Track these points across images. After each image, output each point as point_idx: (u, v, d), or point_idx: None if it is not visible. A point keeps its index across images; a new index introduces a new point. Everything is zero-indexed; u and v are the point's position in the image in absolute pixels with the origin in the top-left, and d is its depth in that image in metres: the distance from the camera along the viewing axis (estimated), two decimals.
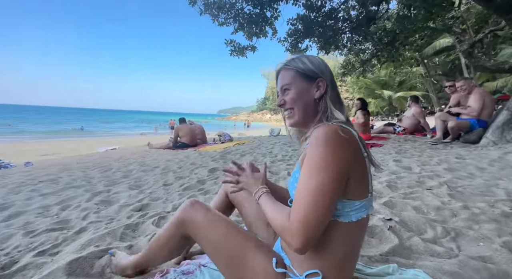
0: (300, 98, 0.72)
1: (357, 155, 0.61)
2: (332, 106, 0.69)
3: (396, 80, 21.98)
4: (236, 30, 6.50)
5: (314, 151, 0.59)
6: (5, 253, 1.20)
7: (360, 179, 0.62)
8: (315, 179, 0.56)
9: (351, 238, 0.64)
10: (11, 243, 1.31)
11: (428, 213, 1.38)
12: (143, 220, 1.50)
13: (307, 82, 0.72)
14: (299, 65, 0.72)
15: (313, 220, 0.55)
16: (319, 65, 0.72)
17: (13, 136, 15.39)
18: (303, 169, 0.60)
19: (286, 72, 0.74)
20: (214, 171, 2.90)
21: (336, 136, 0.58)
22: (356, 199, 0.62)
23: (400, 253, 1.03)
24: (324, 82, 0.71)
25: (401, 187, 1.81)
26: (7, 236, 1.41)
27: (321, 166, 0.57)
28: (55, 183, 2.75)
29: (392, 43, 6.83)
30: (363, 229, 0.68)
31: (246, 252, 0.73)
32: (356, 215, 0.62)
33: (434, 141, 3.69)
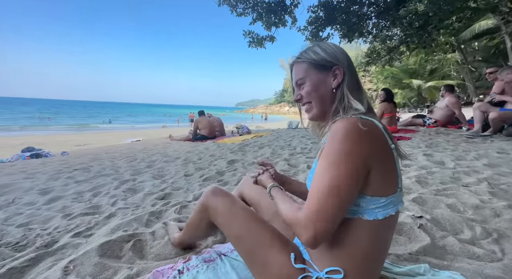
0: (316, 90, 0.69)
1: (380, 148, 0.57)
2: (350, 95, 0.65)
3: (427, 69, 20.22)
4: (254, 21, 6.37)
5: (331, 145, 0.56)
6: (48, 232, 1.32)
7: (386, 173, 0.58)
8: (331, 173, 0.54)
9: (378, 237, 0.60)
10: (52, 224, 1.45)
11: (465, 211, 1.26)
12: (166, 208, 1.57)
13: (322, 72, 0.68)
14: (312, 56, 0.69)
15: (325, 214, 0.53)
16: (333, 52, 0.67)
17: (51, 128, 16.95)
18: (320, 162, 0.58)
19: (299, 65, 0.71)
20: (232, 162, 2.92)
21: (354, 130, 0.55)
22: (382, 195, 0.57)
23: (432, 253, 0.95)
24: (341, 69, 0.67)
25: (433, 183, 1.68)
26: (48, 217, 1.55)
27: (338, 160, 0.54)
28: (87, 171, 2.97)
29: (424, 28, 6.23)
30: (392, 227, 0.63)
31: (265, 245, 0.72)
32: (382, 212, 0.58)
33: (471, 134, 3.36)
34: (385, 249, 0.65)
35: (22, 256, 1.06)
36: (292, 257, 0.68)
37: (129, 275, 0.89)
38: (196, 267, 0.92)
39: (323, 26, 6.60)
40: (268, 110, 60.53)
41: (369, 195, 0.57)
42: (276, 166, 2.56)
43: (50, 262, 1.01)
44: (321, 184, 0.55)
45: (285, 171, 2.32)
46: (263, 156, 3.19)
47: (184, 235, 1.02)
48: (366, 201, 0.57)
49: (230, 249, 1.03)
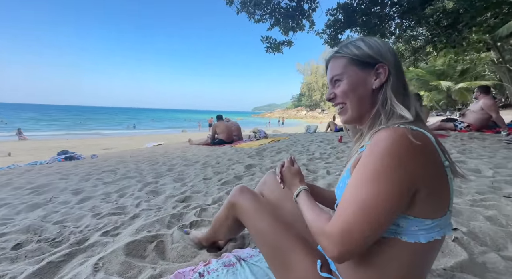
0: (353, 90, 0.61)
1: (432, 165, 0.49)
2: (394, 98, 0.57)
3: (457, 69, 18.85)
4: (272, 26, 6.44)
5: (372, 157, 0.49)
6: (80, 230, 1.42)
7: (435, 194, 0.50)
8: (370, 190, 0.48)
9: (417, 262, 0.53)
10: (83, 223, 1.55)
11: (509, 225, 1.13)
12: (186, 210, 1.61)
13: (364, 70, 0.60)
14: (353, 50, 0.61)
15: (357, 233, 0.48)
16: (379, 47, 0.60)
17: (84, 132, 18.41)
18: (356, 174, 0.52)
19: (337, 60, 0.64)
20: (250, 167, 2.93)
21: (403, 143, 0.47)
22: (428, 217, 0.50)
23: (470, 270, 0.87)
24: (386, 68, 0.59)
25: (467, 193, 1.54)
26: (80, 216, 1.66)
27: (379, 175, 0.48)
28: (114, 173, 3.16)
29: (453, 26, 5.87)
30: (435, 252, 0.56)
31: (290, 248, 0.71)
32: (426, 236, 0.51)
33: (511, 139, 3.05)
34: (424, 275, 0.58)
35: (58, 251, 1.15)
36: (319, 264, 0.65)
37: (152, 275, 0.92)
38: (216, 270, 0.93)
39: (342, 29, 6.48)
40: (285, 114, 60.18)
41: (412, 215, 0.50)
42: None
43: (82, 259, 1.08)
44: (355, 200, 0.49)
45: (304, 176, 2.27)
46: (281, 160, 3.16)
47: (210, 231, 1.05)
48: (409, 221, 0.51)
49: (250, 255, 1.02)
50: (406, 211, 0.50)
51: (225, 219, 0.95)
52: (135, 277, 0.93)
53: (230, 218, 0.93)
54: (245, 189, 0.90)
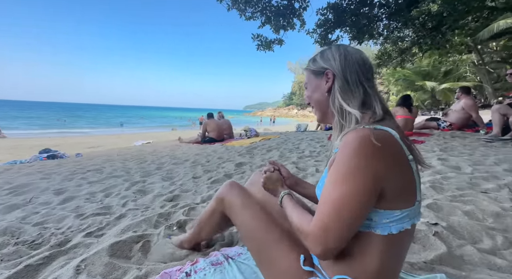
0: (313, 95, 0.73)
1: (395, 162, 0.53)
2: (341, 97, 0.64)
3: (441, 70, 19.58)
4: (263, 24, 6.42)
5: (342, 158, 0.54)
6: (61, 232, 1.37)
7: (402, 187, 0.54)
8: (339, 189, 0.53)
9: (392, 251, 0.57)
10: (66, 223, 1.49)
11: (484, 219, 1.19)
12: (174, 209, 1.58)
13: (318, 78, 0.71)
14: (311, 64, 0.74)
15: (333, 231, 0.53)
16: (328, 57, 0.69)
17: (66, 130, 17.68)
18: (329, 175, 0.57)
19: (305, 72, 0.77)
20: (240, 165, 2.93)
21: (366, 144, 0.52)
22: (397, 209, 0.54)
23: (449, 262, 0.91)
24: (330, 72, 0.67)
25: (448, 189, 1.61)
26: (62, 217, 1.60)
27: (348, 176, 0.52)
28: (100, 172, 3.06)
29: (437, 28, 6.06)
30: (407, 241, 0.60)
31: (275, 243, 0.74)
32: (397, 227, 0.55)
33: (489, 138, 3.21)
34: (400, 262, 0.62)
35: (37, 254, 1.10)
36: (302, 259, 0.68)
37: (138, 276, 0.90)
38: (203, 269, 0.92)
39: (332, 29, 6.55)
40: (276, 113, 60.41)
41: (382, 208, 0.54)
42: None
43: (63, 261, 1.04)
44: (328, 201, 0.54)
45: (294, 174, 2.29)
46: (271, 158, 3.18)
47: (194, 229, 1.04)
48: (379, 215, 0.55)
49: (238, 253, 1.02)
50: (376, 205, 0.54)
51: (212, 214, 0.96)
52: (119, 278, 0.91)
53: (217, 213, 0.94)
54: (235, 184, 0.92)
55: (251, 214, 0.81)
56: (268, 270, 0.74)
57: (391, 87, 25.57)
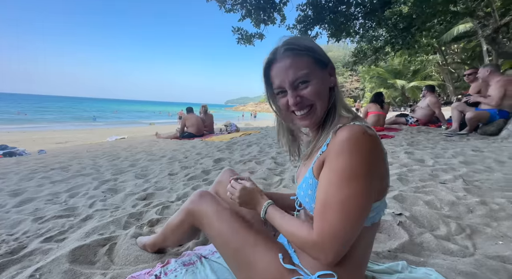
0: (323, 90, 0.60)
1: (382, 154, 0.55)
2: (340, 97, 0.61)
3: (410, 69, 20.99)
4: (243, 17, 6.30)
5: (341, 157, 0.51)
6: (15, 238, 1.23)
7: (382, 178, 0.56)
8: (346, 190, 0.50)
9: (371, 239, 0.62)
10: (21, 228, 1.35)
11: (442, 208, 1.31)
12: (147, 209, 1.51)
13: (323, 69, 0.60)
14: (314, 48, 0.59)
15: (343, 234, 0.50)
16: (321, 49, 0.61)
17: (28, 124, 16.00)
18: (328, 175, 0.53)
19: (299, 58, 0.58)
20: (219, 161, 2.88)
21: (365, 140, 0.51)
22: (378, 200, 0.57)
23: (410, 249, 0.98)
24: (333, 67, 0.63)
25: (413, 180, 1.73)
26: (17, 221, 1.45)
27: (352, 175, 0.50)
28: (66, 170, 2.82)
29: (408, 29, 6.43)
30: (376, 230, 0.65)
31: (252, 246, 0.70)
32: (377, 216, 0.59)
33: (449, 133, 3.52)
34: (369, 254, 0.66)
35: None
36: (280, 257, 0.66)
37: None
38: (174, 271, 0.88)
39: (311, 25, 6.64)
40: (258, 108, 60.48)
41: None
42: (263, 164, 2.55)
43: (14, 271, 0.93)
44: (335, 202, 0.50)
45: (272, 169, 2.31)
46: (250, 154, 3.17)
47: (159, 237, 0.96)
48: None
49: (211, 251, 1.00)
50: None
51: (181, 225, 0.87)
52: None
53: (185, 225, 0.86)
54: (205, 193, 0.84)
55: (223, 222, 0.76)
56: (247, 274, 0.69)
57: (366, 84, 26.85)
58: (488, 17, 6.47)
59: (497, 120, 3.26)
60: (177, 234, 0.91)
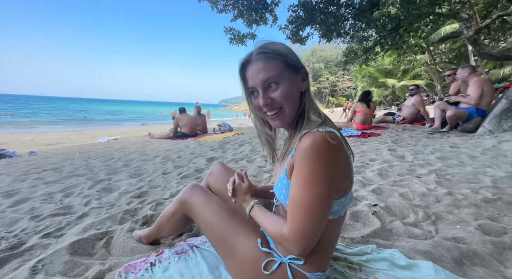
0: (291, 94, 0.63)
1: (343, 157, 0.61)
2: (311, 101, 0.66)
3: (400, 69, 21.49)
4: (235, 18, 6.36)
5: (305, 163, 0.56)
6: (13, 235, 1.29)
7: (345, 178, 0.63)
8: (309, 193, 0.57)
9: (336, 230, 0.70)
10: (19, 226, 1.40)
11: (413, 199, 1.43)
12: (141, 206, 1.58)
13: (294, 73, 0.64)
14: (285, 52, 0.62)
15: (310, 231, 0.58)
16: (294, 54, 0.64)
17: (17, 126, 15.58)
18: (295, 179, 0.59)
19: (269, 61, 0.61)
20: (212, 160, 2.96)
21: (326, 147, 0.56)
22: (342, 196, 0.65)
23: (380, 235, 1.09)
24: (306, 72, 0.67)
25: (392, 175, 1.86)
26: (14, 220, 1.49)
27: (315, 180, 0.56)
28: (58, 171, 2.84)
29: (396, 30, 6.63)
30: (342, 221, 0.73)
31: (235, 233, 0.78)
32: (343, 210, 0.68)
33: (431, 130, 3.70)
34: (335, 243, 0.74)
35: None
36: (259, 242, 0.74)
37: (101, 270, 0.92)
38: (168, 259, 0.97)
39: (303, 26, 6.76)
40: None
41: (334, 199, 0.63)
42: (254, 162, 2.65)
43: (17, 263, 1.00)
44: (301, 204, 0.57)
45: (262, 166, 2.41)
46: (242, 153, 3.26)
47: (154, 228, 1.05)
48: (334, 204, 0.64)
49: (203, 241, 1.09)
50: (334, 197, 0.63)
51: (173, 214, 0.96)
52: (81, 274, 0.92)
53: (178, 214, 0.95)
54: (196, 186, 0.93)
55: (210, 211, 0.84)
56: (230, 258, 0.77)
57: (358, 83, 27.29)
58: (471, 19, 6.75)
59: (475, 118, 3.45)
60: (170, 223, 0.98)
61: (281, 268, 0.68)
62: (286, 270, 0.67)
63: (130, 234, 1.17)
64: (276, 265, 0.68)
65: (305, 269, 0.67)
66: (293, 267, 0.67)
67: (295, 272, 0.67)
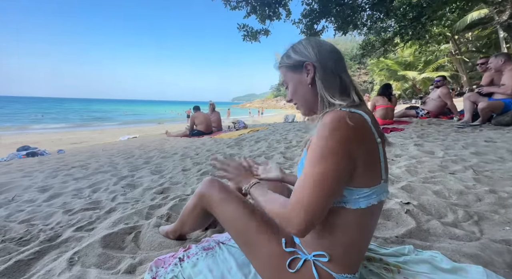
0: (296, 90, 0.73)
1: (366, 142, 0.59)
2: (324, 88, 0.66)
3: (421, 60, 20.31)
4: (248, 14, 6.31)
5: (319, 138, 0.58)
6: (50, 227, 1.36)
7: (370, 167, 0.60)
8: (319, 167, 0.56)
9: (360, 224, 0.64)
10: (54, 220, 1.48)
11: (450, 197, 1.33)
12: (165, 201, 1.61)
13: (297, 72, 0.71)
14: (285, 60, 0.74)
15: (314, 206, 0.56)
16: (303, 50, 0.70)
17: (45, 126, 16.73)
18: (308, 155, 0.60)
19: (281, 70, 0.77)
20: (229, 157, 2.97)
21: (342, 124, 0.56)
22: (365, 186, 0.60)
23: (417, 235, 1.02)
24: (311, 63, 0.68)
25: (422, 172, 1.75)
26: (50, 213, 1.58)
27: (325, 154, 0.56)
28: (85, 168, 2.99)
29: (418, 19, 6.24)
30: (374, 215, 0.66)
31: (257, 230, 0.76)
32: (365, 202, 0.61)
33: (461, 124, 3.45)
34: (368, 235, 0.69)
35: (27, 249, 1.10)
36: (283, 242, 0.72)
37: (132, 264, 0.94)
38: (196, 254, 0.97)
39: (317, 19, 6.56)
40: (265, 104, 60.36)
41: (352, 186, 0.60)
42: (272, 159, 2.61)
43: (55, 255, 1.05)
44: (310, 177, 0.57)
45: (281, 163, 2.37)
46: (259, 149, 3.24)
47: (177, 223, 1.07)
48: (351, 191, 0.61)
49: (228, 238, 1.08)
50: (348, 183, 0.60)
51: (194, 209, 0.97)
52: (114, 267, 0.94)
53: (197, 208, 0.96)
54: (215, 180, 0.94)
55: (231, 207, 0.83)
56: (253, 256, 0.76)
57: (375, 77, 26.20)
58: (505, 2, 6.18)
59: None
60: (191, 217, 1.00)
61: (306, 266, 0.66)
62: (311, 269, 0.65)
63: (157, 229, 1.19)
64: (301, 262, 0.67)
65: (332, 269, 0.64)
66: (319, 265, 0.65)
67: (321, 271, 0.65)
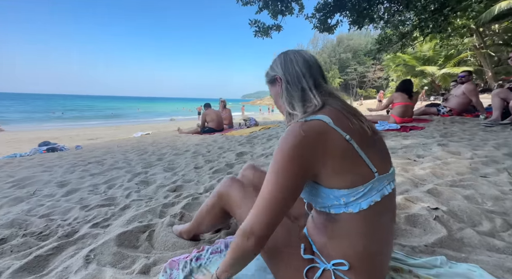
0: (276, 101, 0.78)
1: (328, 145, 0.57)
2: (285, 100, 0.70)
3: (442, 54, 19.20)
4: (260, 9, 6.20)
5: (275, 153, 0.60)
6: (68, 223, 1.39)
7: (349, 165, 0.57)
8: (269, 183, 0.58)
9: (370, 225, 0.59)
10: (71, 215, 1.51)
11: (484, 203, 1.22)
12: (178, 200, 1.60)
13: (274, 85, 0.77)
14: (266, 77, 0.80)
15: (263, 223, 0.58)
16: (274, 64, 0.75)
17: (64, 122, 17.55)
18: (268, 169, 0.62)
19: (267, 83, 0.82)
20: (241, 155, 2.93)
21: (293, 137, 0.57)
22: (357, 185, 0.57)
23: (449, 245, 0.93)
24: (277, 77, 0.73)
25: (448, 174, 1.63)
26: (68, 208, 1.62)
27: (276, 169, 0.58)
28: (101, 164, 3.06)
29: (440, 11, 5.87)
30: (383, 212, 0.61)
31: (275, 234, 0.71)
32: (366, 201, 0.57)
33: (489, 122, 3.21)
34: (385, 236, 0.63)
35: (46, 245, 1.12)
36: (302, 248, 0.69)
37: (146, 264, 0.93)
38: (210, 256, 0.94)
39: (331, 13, 6.35)
40: None
41: (344, 188, 0.57)
42: None
43: (72, 251, 1.06)
44: (262, 194, 0.59)
45: None
46: (271, 147, 3.18)
47: (193, 223, 1.05)
48: (345, 195, 0.57)
49: None
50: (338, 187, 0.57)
51: (212, 208, 0.96)
52: (128, 267, 0.93)
53: (216, 208, 0.95)
54: (234, 179, 0.93)
55: (248, 208, 0.80)
56: (270, 260, 0.74)
57: (391, 73, 25.21)
58: None
59: None
60: (209, 217, 0.98)
61: (325, 276, 0.63)
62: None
63: (170, 228, 1.18)
64: (320, 271, 0.64)
65: (353, 278, 0.60)
66: (339, 275, 0.61)
67: None
